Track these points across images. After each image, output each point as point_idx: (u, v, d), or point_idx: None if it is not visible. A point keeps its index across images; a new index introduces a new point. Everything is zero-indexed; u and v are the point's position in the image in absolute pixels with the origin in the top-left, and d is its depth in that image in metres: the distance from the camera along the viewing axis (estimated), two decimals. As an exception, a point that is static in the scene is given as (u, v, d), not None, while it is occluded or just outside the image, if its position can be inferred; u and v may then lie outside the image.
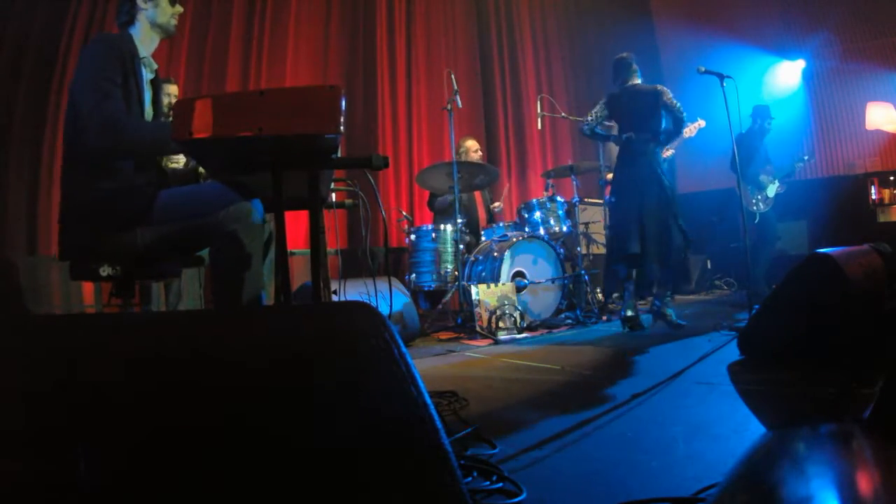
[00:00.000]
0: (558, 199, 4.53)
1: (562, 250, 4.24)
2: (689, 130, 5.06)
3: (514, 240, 3.98)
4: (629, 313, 3.40)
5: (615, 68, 3.69)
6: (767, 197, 4.99)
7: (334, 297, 2.89)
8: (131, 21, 1.94)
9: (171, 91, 3.07)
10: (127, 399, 0.76)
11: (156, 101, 2.01)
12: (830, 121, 7.00)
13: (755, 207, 4.87)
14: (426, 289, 4.20)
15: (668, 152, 5.06)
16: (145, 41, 1.94)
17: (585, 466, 1.27)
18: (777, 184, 4.97)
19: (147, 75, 1.96)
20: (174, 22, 1.99)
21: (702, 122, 5.06)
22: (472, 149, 4.80)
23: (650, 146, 3.48)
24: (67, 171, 1.82)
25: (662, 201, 3.39)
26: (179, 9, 2.00)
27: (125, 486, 0.71)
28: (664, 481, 1.14)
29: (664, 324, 3.38)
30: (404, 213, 4.76)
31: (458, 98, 3.97)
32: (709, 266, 6.35)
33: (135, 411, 0.76)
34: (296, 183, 1.46)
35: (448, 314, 4.08)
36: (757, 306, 2.46)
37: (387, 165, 1.39)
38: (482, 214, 5.05)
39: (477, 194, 4.98)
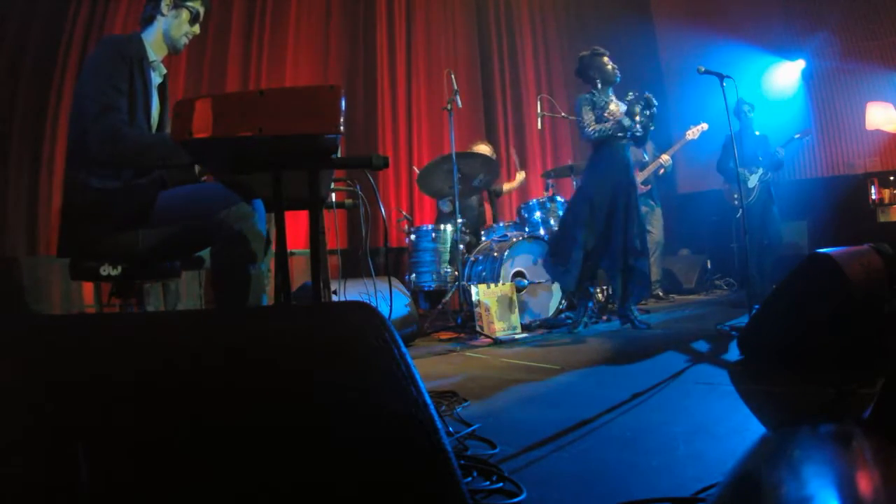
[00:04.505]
0: (558, 199, 4.53)
1: (562, 250, 4.23)
2: (693, 133, 5.08)
3: (514, 240, 3.98)
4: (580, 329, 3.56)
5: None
6: (748, 189, 4.94)
7: (334, 297, 2.89)
8: (150, 21, 1.94)
9: None
10: (127, 400, 0.76)
11: (163, 107, 2.02)
12: (830, 121, 6.99)
13: (736, 202, 4.84)
14: (426, 289, 4.20)
15: (664, 158, 5.07)
16: (155, 47, 1.94)
17: (585, 466, 1.27)
18: (761, 170, 4.88)
19: (156, 80, 1.97)
20: (185, 41, 2.00)
21: (704, 126, 5.07)
22: (485, 152, 4.78)
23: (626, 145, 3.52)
24: (70, 170, 1.81)
25: (629, 208, 3.44)
26: (196, 30, 2.01)
27: (125, 489, 0.71)
28: (664, 481, 1.14)
29: (631, 326, 3.51)
30: (404, 213, 4.75)
31: (458, 98, 3.97)
32: (709, 266, 6.35)
33: (135, 412, 0.76)
34: (296, 183, 1.46)
35: (448, 314, 4.08)
36: (757, 306, 2.46)
37: (387, 165, 1.39)
38: (487, 214, 5.05)
39: (478, 193, 4.98)
